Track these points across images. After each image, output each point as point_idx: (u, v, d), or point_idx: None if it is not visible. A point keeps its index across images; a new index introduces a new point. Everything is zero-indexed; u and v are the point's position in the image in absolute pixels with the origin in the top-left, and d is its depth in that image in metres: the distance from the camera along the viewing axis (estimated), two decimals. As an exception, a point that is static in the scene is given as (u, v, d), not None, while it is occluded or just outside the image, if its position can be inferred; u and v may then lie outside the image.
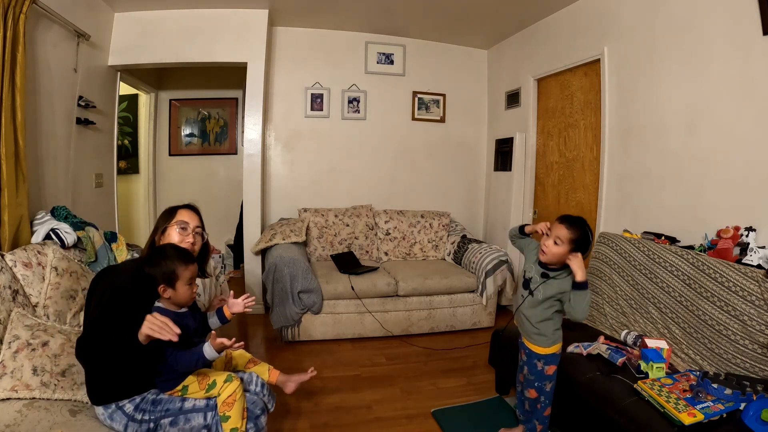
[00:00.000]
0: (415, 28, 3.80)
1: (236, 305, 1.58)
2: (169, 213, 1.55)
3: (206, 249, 1.67)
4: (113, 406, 1.34)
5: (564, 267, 1.63)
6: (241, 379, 1.54)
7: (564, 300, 1.62)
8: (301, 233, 3.35)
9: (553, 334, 1.68)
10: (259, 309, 3.56)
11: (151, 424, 1.34)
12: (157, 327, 1.16)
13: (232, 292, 1.67)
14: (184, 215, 1.55)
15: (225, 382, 1.43)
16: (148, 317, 1.18)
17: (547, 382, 1.69)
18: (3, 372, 1.37)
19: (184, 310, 1.46)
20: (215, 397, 1.42)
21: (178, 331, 1.18)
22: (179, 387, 1.43)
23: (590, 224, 1.64)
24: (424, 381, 2.48)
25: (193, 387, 1.43)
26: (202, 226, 1.60)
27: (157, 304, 1.40)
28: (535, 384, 1.70)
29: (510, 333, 2.21)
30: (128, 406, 1.34)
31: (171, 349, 1.34)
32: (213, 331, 1.42)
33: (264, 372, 1.73)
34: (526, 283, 1.72)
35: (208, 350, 1.34)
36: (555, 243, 1.59)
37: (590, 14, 2.91)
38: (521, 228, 1.80)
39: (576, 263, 1.55)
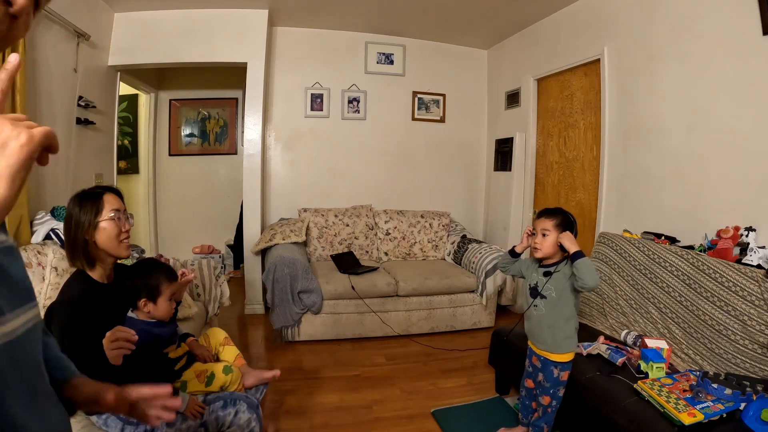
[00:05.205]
0: (415, 28, 3.80)
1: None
2: (93, 203, 1.25)
3: None
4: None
5: (561, 261, 1.66)
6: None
7: (573, 281, 1.61)
8: (301, 233, 3.35)
9: (575, 333, 1.69)
10: (259, 309, 3.56)
11: (148, 426, 1.33)
12: (116, 351, 1.05)
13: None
14: (112, 202, 1.28)
15: (224, 373, 1.44)
16: (105, 345, 1.05)
17: (561, 387, 1.70)
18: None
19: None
20: (213, 392, 1.42)
21: (133, 336, 1.07)
22: (177, 384, 1.42)
23: (590, 224, 1.64)
24: (424, 381, 2.48)
25: (193, 383, 1.43)
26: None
27: (129, 314, 1.36)
28: (551, 391, 1.70)
29: (509, 333, 2.21)
30: None
31: None
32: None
33: (233, 354, 1.70)
34: (534, 291, 1.71)
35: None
36: (543, 235, 1.64)
37: (590, 14, 2.91)
38: (512, 251, 1.82)
39: (566, 239, 1.59)
